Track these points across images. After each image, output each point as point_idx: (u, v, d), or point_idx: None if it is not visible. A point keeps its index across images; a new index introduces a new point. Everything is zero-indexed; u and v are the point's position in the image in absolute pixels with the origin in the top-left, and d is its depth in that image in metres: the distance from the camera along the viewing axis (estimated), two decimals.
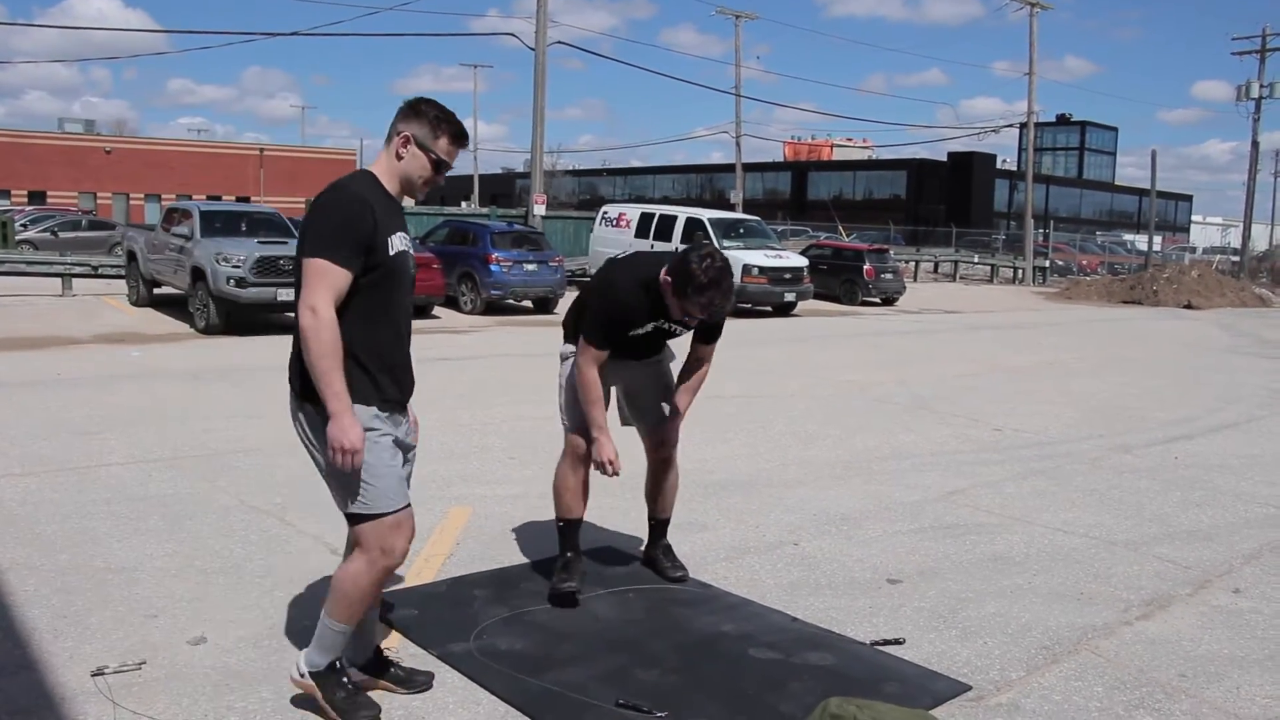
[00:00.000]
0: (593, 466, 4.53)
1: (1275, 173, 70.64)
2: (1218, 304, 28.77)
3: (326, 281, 3.21)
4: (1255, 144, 42.18)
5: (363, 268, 3.27)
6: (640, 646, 4.15)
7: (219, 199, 47.89)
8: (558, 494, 4.82)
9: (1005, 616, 4.69)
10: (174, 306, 16.57)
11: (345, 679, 3.47)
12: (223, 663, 3.90)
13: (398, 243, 3.42)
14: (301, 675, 3.47)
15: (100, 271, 19.71)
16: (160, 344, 13.30)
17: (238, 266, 14.22)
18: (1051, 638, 4.46)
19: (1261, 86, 40.40)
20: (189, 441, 7.51)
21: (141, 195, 56.62)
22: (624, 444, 4.73)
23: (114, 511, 5.74)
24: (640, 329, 4.45)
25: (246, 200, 48.98)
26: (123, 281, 18.57)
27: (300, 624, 4.29)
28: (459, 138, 3.42)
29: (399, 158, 3.38)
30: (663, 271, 4.19)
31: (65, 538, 5.27)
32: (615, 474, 4.45)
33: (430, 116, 3.35)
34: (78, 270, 19.41)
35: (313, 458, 3.43)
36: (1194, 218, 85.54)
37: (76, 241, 27.93)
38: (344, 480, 3.32)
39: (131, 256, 17.72)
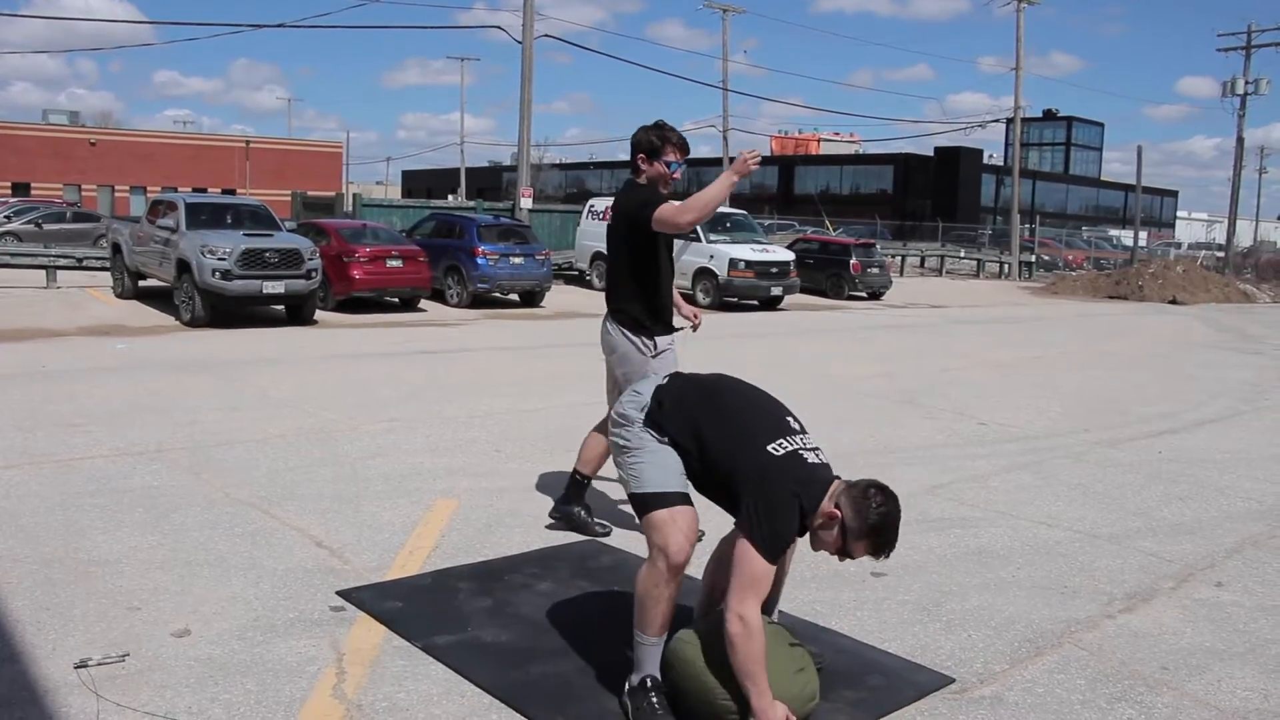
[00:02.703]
0: None
1: (1259, 169, 70.98)
2: (1202, 299, 28.90)
3: (759, 589, 3.32)
4: (1240, 140, 42.32)
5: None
6: (625, 639, 4.15)
7: (205, 191, 47.67)
8: (586, 448, 5.55)
9: (989, 609, 4.71)
10: (159, 299, 16.52)
11: (651, 697, 3.50)
12: (207, 654, 3.89)
13: None
14: (624, 692, 3.60)
15: (85, 263, 19.62)
16: (145, 336, 13.24)
17: (223, 259, 14.18)
18: (1035, 631, 4.48)
19: (1247, 83, 40.50)
20: (174, 434, 7.48)
21: (127, 187, 56.35)
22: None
23: (98, 504, 5.72)
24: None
25: (232, 193, 48.76)
26: (107, 274, 18.48)
27: (285, 616, 4.28)
28: (877, 551, 3.40)
29: (825, 520, 3.37)
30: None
31: (49, 530, 5.25)
32: None
33: (868, 521, 3.33)
34: (62, 262, 19.32)
35: None
36: (1179, 213, 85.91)
37: (61, 233, 27.79)
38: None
39: (116, 249, 17.65)
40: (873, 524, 3.31)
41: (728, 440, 3.48)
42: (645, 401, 3.64)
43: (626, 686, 3.59)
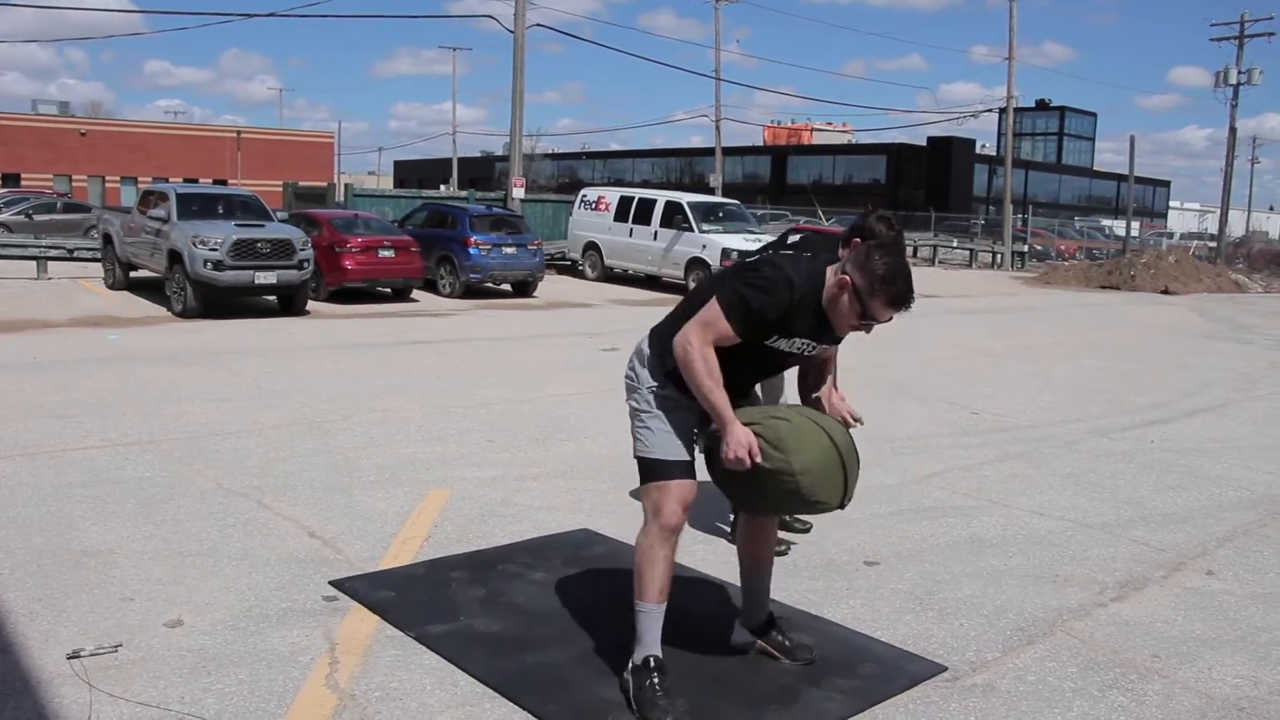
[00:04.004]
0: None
1: (1252, 159, 71.13)
2: (1194, 289, 28.93)
3: (711, 331, 3.39)
4: (1233, 130, 42.31)
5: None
6: (618, 628, 4.16)
7: (196, 182, 47.48)
8: None
9: (981, 598, 4.72)
10: (151, 289, 16.45)
11: (653, 678, 3.51)
12: (199, 645, 3.88)
13: (786, 345, 3.54)
14: (626, 669, 3.62)
15: (76, 254, 19.52)
16: (137, 327, 13.20)
17: (215, 249, 14.12)
18: (1027, 619, 4.49)
19: (1240, 73, 40.50)
20: (166, 425, 7.46)
21: (117, 178, 56.12)
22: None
23: (90, 495, 5.70)
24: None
25: (224, 183, 48.56)
26: (98, 265, 18.42)
27: (278, 606, 4.28)
28: (897, 303, 3.34)
29: (837, 290, 3.39)
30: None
31: (41, 521, 5.23)
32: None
33: (876, 274, 3.30)
34: (53, 253, 19.21)
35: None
36: (1172, 203, 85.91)
37: (51, 224, 27.60)
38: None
39: (107, 239, 17.57)
40: (881, 274, 3.29)
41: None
42: (645, 350, 3.66)
43: (629, 664, 3.60)
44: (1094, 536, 5.71)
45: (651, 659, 3.54)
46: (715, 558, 5.10)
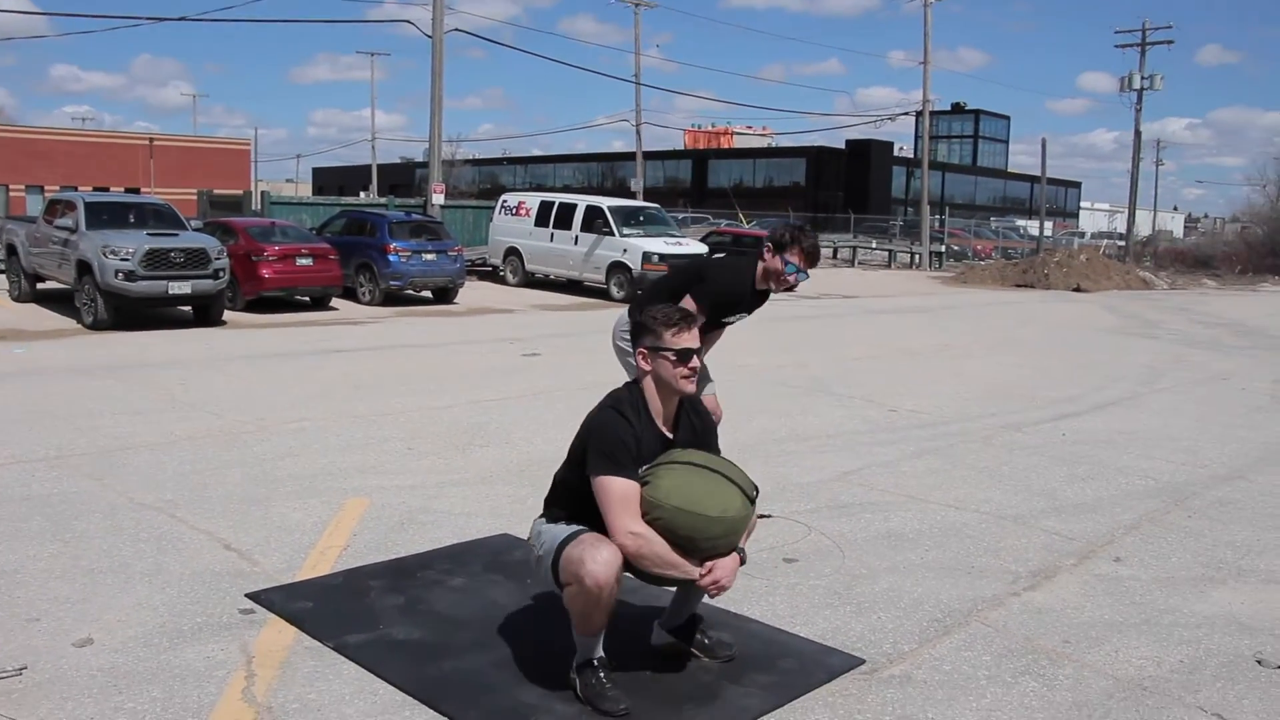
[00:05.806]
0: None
1: (1156, 161, 73.26)
2: (1105, 287, 29.70)
3: (627, 502, 3.60)
4: (1138, 133, 43.67)
5: None
6: (538, 632, 4.16)
7: (107, 190, 46.31)
8: None
9: (898, 591, 4.80)
10: (60, 301, 16.03)
11: (600, 674, 3.62)
12: (110, 663, 3.79)
13: None
14: (571, 670, 3.69)
15: None
16: (45, 340, 12.85)
17: (126, 259, 13.80)
18: (943, 610, 4.58)
19: (1143, 78, 41.81)
20: (74, 439, 7.28)
21: (22, 186, 54.45)
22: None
23: None
24: (735, 316, 5.25)
25: (136, 191, 47.43)
26: (2, 276, 17.89)
27: (192, 621, 4.20)
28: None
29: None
30: (764, 253, 5.02)
31: None
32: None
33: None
34: None
35: None
36: (1083, 204, 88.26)
37: None
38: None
39: (11, 250, 17.08)
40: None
41: None
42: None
43: (574, 664, 3.67)
44: (1007, 528, 5.83)
45: (595, 659, 3.63)
46: None
